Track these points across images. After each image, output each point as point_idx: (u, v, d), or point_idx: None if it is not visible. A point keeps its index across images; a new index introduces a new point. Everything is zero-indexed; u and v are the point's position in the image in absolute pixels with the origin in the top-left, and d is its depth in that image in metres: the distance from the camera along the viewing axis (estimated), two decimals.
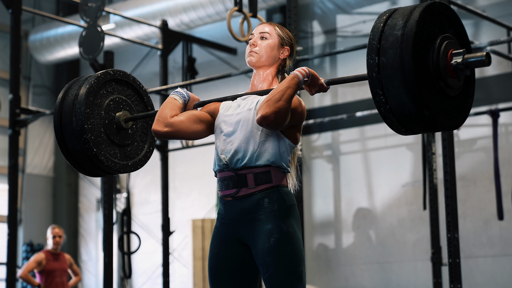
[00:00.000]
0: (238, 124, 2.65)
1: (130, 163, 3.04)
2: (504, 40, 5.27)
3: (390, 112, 2.33)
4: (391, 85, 2.28)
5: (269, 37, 2.77)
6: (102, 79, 2.94)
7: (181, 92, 2.78)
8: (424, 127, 2.35)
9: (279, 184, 2.62)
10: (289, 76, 2.54)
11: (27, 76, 10.98)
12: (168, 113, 2.69)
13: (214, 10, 8.75)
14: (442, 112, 2.36)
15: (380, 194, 8.28)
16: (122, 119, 2.98)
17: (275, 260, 2.52)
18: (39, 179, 11.10)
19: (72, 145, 2.91)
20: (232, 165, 2.62)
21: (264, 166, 2.60)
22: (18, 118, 6.39)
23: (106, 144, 2.95)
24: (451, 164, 4.81)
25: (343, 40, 8.77)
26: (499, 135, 7.32)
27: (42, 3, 11.09)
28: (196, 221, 9.35)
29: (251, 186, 2.60)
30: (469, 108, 2.52)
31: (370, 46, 2.33)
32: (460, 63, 2.36)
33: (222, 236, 2.66)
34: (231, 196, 2.63)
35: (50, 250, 7.14)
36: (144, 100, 3.10)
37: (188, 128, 2.71)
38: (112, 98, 2.98)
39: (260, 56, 2.75)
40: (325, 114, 8.59)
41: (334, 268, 8.53)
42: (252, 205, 2.60)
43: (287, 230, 2.56)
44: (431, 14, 2.35)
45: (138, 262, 10.05)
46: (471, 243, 7.56)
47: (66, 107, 2.92)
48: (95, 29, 6.19)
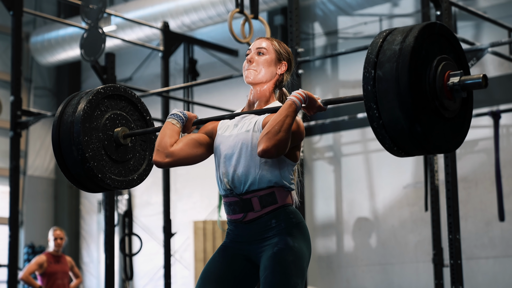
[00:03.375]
0: (237, 146, 2.63)
1: (135, 177, 3.05)
2: (505, 42, 5.26)
3: (382, 127, 2.30)
4: (385, 99, 2.27)
5: (266, 53, 2.75)
6: (94, 101, 2.91)
7: (178, 114, 2.74)
8: (417, 145, 2.32)
9: (284, 204, 2.61)
10: (286, 103, 2.52)
11: (28, 78, 10.99)
12: (168, 141, 2.67)
13: (215, 12, 8.76)
14: (435, 133, 2.33)
15: (382, 195, 8.27)
16: (121, 135, 2.97)
17: (274, 264, 2.51)
18: (41, 181, 11.11)
19: (76, 172, 2.91)
20: (236, 189, 2.62)
21: (267, 188, 2.59)
22: (19, 120, 6.40)
23: (109, 165, 2.95)
24: (452, 166, 4.81)
25: (344, 42, 8.77)
26: (500, 136, 7.31)
27: (43, 5, 11.10)
28: (198, 222, 9.34)
29: (257, 209, 2.60)
30: (465, 133, 2.47)
31: (367, 59, 2.32)
32: (457, 84, 2.33)
33: (230, 251, 2.66)
34: (239, 221, 2.63)
35: (51, 252, 7.13)
36: (139, 108, 3.08)
37: (189, 154, 2.69)
38: (107, 117, 2.96)
39: (257, 73, 2.72)
40: (326, 115, 8.58)
41: (335, 269, 8.52)
42: (260, 228, 2.60)
43: (292, 244, 2.55)
44: (430, 33, 2.35)
45: (139, 264, 10.05)
46: (473, 244, 7.56)
47: (63, 135, 2.90)
48: (96, 31, 6.20)
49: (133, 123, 3.06)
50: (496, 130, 6.60)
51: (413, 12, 8.30)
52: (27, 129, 6.99)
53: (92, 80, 11.00)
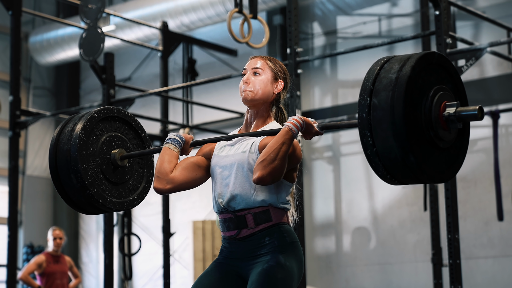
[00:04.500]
0: (233, 167, 2.63)
1: (136, 196, 3.06)
2: (504, 41, 5.26)
3: (376, 155, 2.30)
4: (379, 127, 2.26)
5: (262, 73, 2.74)
6: (89, 127, 2.90)
7: (175, 139, 2.75)
8: (410, 175, 2.30)
9: (279, 222, 2.61)
10: (283, 130, 2.52)
11: (28, 78, 10.99)
12: (167, 167, 2.68)
13: (214, 12, 8.75)
14: (429, 163, 2.32)
15: (381, 195, 8.28)
16: (118, 158, 2.97)
17: (261, 279, 2.50)
18: (40, 180, 11.10)
19: (77, 199, 2.92)
20: (230, 208, 2.62)
21: (262, 206, 2.59)
22: (18, 120, 6.39)
23: (109, 189, 2.95)
24: None
25: (343, 42, 8.77)
26: (499, 136, 7.32)
27: (42, 4, 11.10)
28: (197, 222, 9.34)
29: (251, 226, 2.59)
30: (459, 164, 2.46)
31: (363, 87, 2.31)
32: (452, 115, 2.32)
33: (223, 267, 2.66)
34: (233, 238, 2.63)
35: (50, 252, 7.13)
36: (133, 126, 3.08)
37: (188, 178, 2.70)
38: (103, 140, 2.95)
39: (254, 94, 2.71)
40: (325, 115, 8.58)
41: (334, 269, 8.53)
42: (254, 245, 2.60)
43: (283, 262, 2.54)
44: (428, 63, 2.34)
45: (138, 264, 10.05)
46: (472, 244, 7.56)
47: (61, 163, 2.89)
48: (95, 31, 6.20)
49: (129, 142, 3.05)
50: (495, 129, 6.61)
51: (412, 12, 8.30)
52: (26, 129, 7.00)
53: (91, 80, 11.00)
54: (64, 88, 11.24)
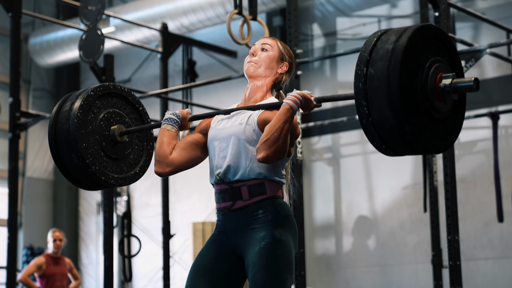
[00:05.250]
0: (230, 139, 2.65)
1: (137, 170, 3.08)
2: (503, 43, 5.27)
3: (372, 125, 2.31)
4: (375, 97, 2.28)
5: (270, 49, 2.78)
6: (86, 106, 2.90)
7: (171, 118, 2.76)
8: (405, 145, 2.32)
9: (273, 196, 2.63)
10: (284, 108, 2.54)
11: (27, 79, 10.99)
12: (166, 150, 2.70)
13: (214, 13, 8.76)
14: (425, 133, 2.33)
15: (381, 196, 8.28)
16: (117, 133, 2.98)
17: (262, 260, 2.53)
18: (39, 182, 11.10)
19: (79, 177, 2.93)
20: (226, 179, 2.64)
21: (257, 179, 2.61)
22: (18, 122, 6.39)
23: (111, 165, 2.97)
24: (451, 167, 4.81)
25: (343, 43, 8.77)
26: (499, 137, 7.31)
27: (42, 6, 11.10)
28: (197, 224, 9.33)
29: (245, 198, 2.61)
30: (455, 136, 2.48)
31: (360, 57, 2.35)
32: (448, 86, 2.34)
33: (217, 243, 2.68)
34: (228, 209, 2.65)
35: (50, 254, 7.13)
36: (130, 101, 3.09)
37: (188, 159, 2.73)
38: (101, 118, 2.96)
39: (258, 66, 2.75)
40: (325, 116, 8.58)
41: (334, 271, 8.52)
42: (247, 217, 2.61)
43: (279, 237, 2.56)
44: (425, 35, 2.35)
45: (138, 266, 10.05)
46: (472, 245, 7.56)
47: (61, 144, 2.90)
48: (95, 32, 6.20)
49: (127, 117, 3.07)
50: (495, 131, 6.61)
51: (411, 13, 8.31)
52: (26, 131, 6.99)
53: (91, 81, 11.00)
54: (64, 89, 11.23)
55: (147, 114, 3.14)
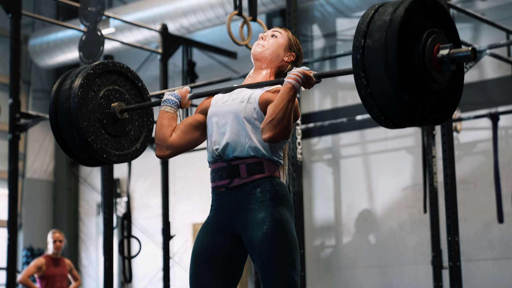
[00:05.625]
0: (229, 115, 2.66)
1: (138, 146, 3.11)
2: (503, 44, 5.27)
3: (370, 96, 2.33)
4: (373, 68, 2.30)
5: (280, 37, 2.81)
6: (86, 84, 2.91)
7: (170, 99, 2.78)
8: (404, 116, 2.33)
9: (271, 175, 2.63)
10: (286, 88, 2.55)
11: (27, 80, 10.99)
12: (166, 133, 2.72)
13: (214, 14, 8.76)
14: (423, 104, 2.34)
15: (381, 197, 8.27)
16: (118, 111, 3.00)
17: (268, 247, 2.53)
18: (39, 183, 11.10)
19: (80, 155, 2.96)
20: (225, 156, 2.64)
21: (256, 157, 2.62)
22: (18, 123, 6.39)
23: (112, 142, 2.99)
24: (451, 167, 4.81)
25: (343, 44, 8.77)
26: (499, 138, 7.31)
27: (42, 7, 11.10)
28: (197, 225, 9.33)
29: (243, 176, 2.62)
30: (453, 109, 2.49)
31: (358, 29, 2.37)
32: (446, 56, 2.35)
33: (213, 226, 2.69)
34: (225, 187, 2.65)
35: (50, 255, 7.13)
36: (129, 77, 3.11)
37: (188, 140, 2.75)
38: (101, 95, 2.98)
39: (265, 49, 2.78)
40: (325, 117, 8.58)
41: (334, 271, 8.52)
42: (244, 196, 2.61)
43: (280, 218, 2.56)
44: (422, 7, 2.37)
45: (138, 267, 10.04)
46: (472, 246, 7.55)
47: (62, 122, 2.91)
48: (95, 33, 6.20)
49: (126, 94, 3.08)
50: (495, 132, 6.61)
51: None
52: (25, 132, 6.99)
53: None
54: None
55: (147, 90, 3.16)
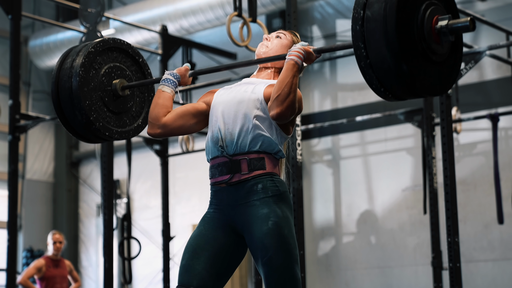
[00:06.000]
0: (233, 105, 2.67)
1: (140, 122, 3.12)
2: (503, 45, 5.27)
3: (370, 67, 2.34)
4: (372, 38, 2.31)
5: (284, 38, 2.84)
6: (87, 63, 2.92)
7: (168, 79, 2.80)
8: (403, 86, 2.34)
9: (272, 172, 2.64)
10: (289, 64, 2.57)
11: (27, 81, 10.98)
12: (159, 112, 2.72)
13: (213, 15, 8.76)
14: (422, 74, 2.36)
15: (381, 198, 8.27)
16: (119, 88, 3.01)
17: (275, 242, 2.53)
18: (39, 184, 11.10)
19: (83, 133, 2.98)
20: (227, 148, 2.63)
21: (258, 152, 2.62)
22: (18, 124, 6.39)
23: (114, 120, 3.01)
24: (451, 168, 4.81)
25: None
26: (499, 139, 7.32)
27: (42, 8, 11.10)
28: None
29: (244, 171, 2.61)
30: (452, 81, 2.52)
31: (357, 1, 2.38)
32: (444, 27, 2.37)
33: (214, 220, 2.67)
34: (225, 183, 2.64)
35: (50, 256, 7.12)
36: (130, 53, 3.12)
37: (182, 125, 2.74)
38: (102, 73, 2.99)
39: (269, 49, 2.80)
40: (325, 118, 8.58)
41: (334, 272, 8.52)
42: (246, 191, 2.61)
43: (282, 214, 2.57)
44: None
45: (138, 268, 10.04)
46: (472, 247, 7.55)
47: (64, 102, 2.92)
48: (95, 35, 6.19)
49: (127, 70, 3.09)
50: (495, 133, 6.61)
51: None
52: (25, 133, 6.99)
53: None
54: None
55: (147, 65, 3.17)
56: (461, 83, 7.41)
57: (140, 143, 8.75)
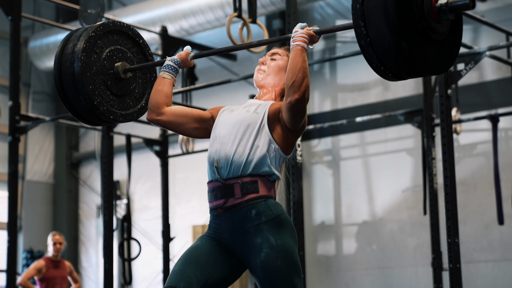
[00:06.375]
0: (232, 126, 2.65)
1: (143, 103, 3.13)
2: (503, 45, 5.27)
3: (370, 45, 2.35)
4: (372, 16, 2.32)
5: (279, 59, 2.80)
6: (89, 48, 2.93)
7: (169, 65, 2.82)
8: (403, 64, 2.35)
9: (266, 195, 2.60)
10: (297, 50, 2.57)
11: (27, 82, 10.99)
12: (159, 99, 2.74)
13: (213, 16, 8.76)
14: (422, 53, 2.37)
15: (380, 199, 8.27)
16: (121, 71, 3.02)
17: (267, 276, 2.51)
18: (39, 185, 11.10)
19: (88, 117, 3.00)
20: (221, 170, 2.61)
21: (251, 176, 2.58)
22: (18, 125, 6.39)
23: (117, 103, 3.02)
24: (451, 169, 4.81)
25: (342, 46, 8.77)
26: (499, 140, 7.31)
27: (42, 9, 11.10)
28: (197, 227, 9.32)
29: (237, 196, 2.58)
30: (452, 60, 2.52)
31: None
32: (444, 5, 2.38)
33: (212, 239, 2.65)
34: (220, 207, 2.62)
35: (50, 257, 7.12)
36: (130, 35, 3.12)
37: (181, 123, 2.75)
38: (104, 57, 2.99)
39: (267, 74, 2.77)
40: (325, 119, 8.58)
41: (334, 273, 8.52)
42: (241, 217, 2.58)
43: (275, 243, 2.53)
44: None
45: (138, 269, 10.04)
46: (472, 248, 7.55)
47: (67, 86, 2.93)
48: None
49: (128, 52, 3.10)
50: (495, 133, 6.61)
51: None
52: (25, 134, 6.99)
53: None
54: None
55: (148, 46, 3.18)
56: (461, 84, 7.42)
57: (140, 144, 8.75)
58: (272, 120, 2.63)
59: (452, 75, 5.05)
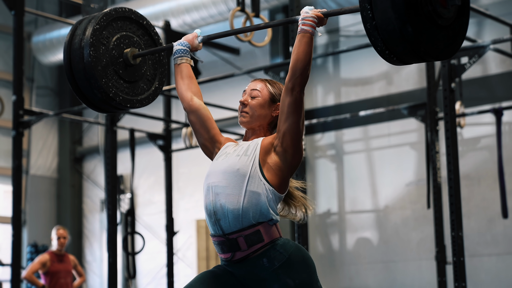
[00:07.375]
0: (222, 174, 2.60)
1: (157, 84, 3.13)
2: (507, 39, 5.26)
3: (375, 29, 2.36)
4: None
5: (259, 95, 2.71)
6: (96, 41, 2.92)
7: (179, 49, 2.85)
8: (408, 48, 2.35)
9: (272, 240, 2.55)
10: (307, 38, 2.56)
11: (30, 77, 11.00)
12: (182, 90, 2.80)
13: (216, 11, 8.75)
14: (427, 38, 2.38)
15: (384, 193, 8.27)
16: (131, 57, 3.02)
17: None
18: (43, 180, 11.12)
19: (105, 108, 3.02)
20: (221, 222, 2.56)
21: (252, 226, 2.54)
22: (21, 120, 6.40)
23: (131, 89, 3.03)
24: (454, 163, 4.81)
25: (346, 40, 8.76)
26: (503, 133, 7.30)
27: (45, 4, 11.10)
28: (200, 221, 9.33)
29: (244, 249, 2.54)
30: (458, 46, 2.52)
31: None
32: None
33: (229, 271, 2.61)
34: (229, 261, 2.59)
35: (54, 251, 7.14)
36: (133, 19, 3.11)
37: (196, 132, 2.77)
38: (112, 47, 2.99)
39: (250, 116, 2.69)
40: (328, 113, 8.58)
41: (338, 267, 8.52)
42: (253, 267, 2.55)
43: (294, 284, 2.51)
44: None
45: (142, 263, 10.06)
46: (476, 241, 7.55)
47: (81, 81, 2.92)
48: None
49: (134, 36, 3.10)
50: (499, 127, 6.60)
51: None
52: (29, 129, 7.00)
53: None
54: (67, 87, 11.25)
55: (152, 26, 3.17)
56: (464, 78, 7.40)
57: (144, 138, 8.76)
58: (266, 155, 2.58)
59: (455, 69, 5.04)
